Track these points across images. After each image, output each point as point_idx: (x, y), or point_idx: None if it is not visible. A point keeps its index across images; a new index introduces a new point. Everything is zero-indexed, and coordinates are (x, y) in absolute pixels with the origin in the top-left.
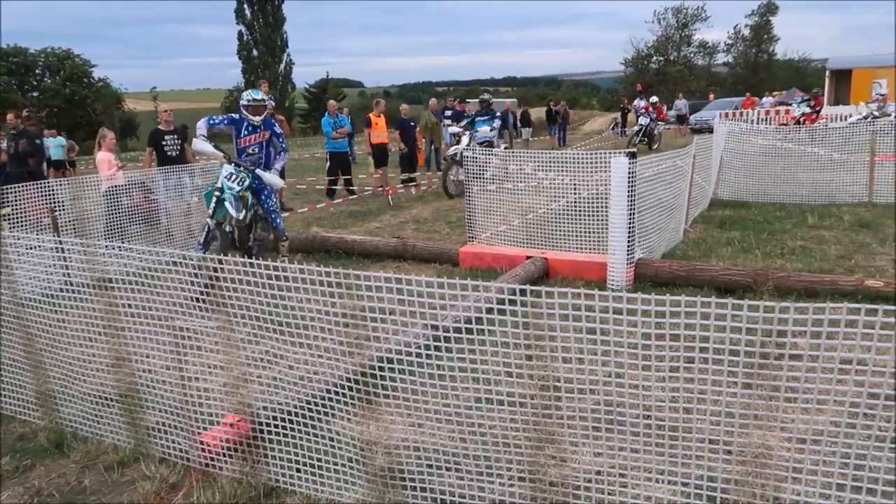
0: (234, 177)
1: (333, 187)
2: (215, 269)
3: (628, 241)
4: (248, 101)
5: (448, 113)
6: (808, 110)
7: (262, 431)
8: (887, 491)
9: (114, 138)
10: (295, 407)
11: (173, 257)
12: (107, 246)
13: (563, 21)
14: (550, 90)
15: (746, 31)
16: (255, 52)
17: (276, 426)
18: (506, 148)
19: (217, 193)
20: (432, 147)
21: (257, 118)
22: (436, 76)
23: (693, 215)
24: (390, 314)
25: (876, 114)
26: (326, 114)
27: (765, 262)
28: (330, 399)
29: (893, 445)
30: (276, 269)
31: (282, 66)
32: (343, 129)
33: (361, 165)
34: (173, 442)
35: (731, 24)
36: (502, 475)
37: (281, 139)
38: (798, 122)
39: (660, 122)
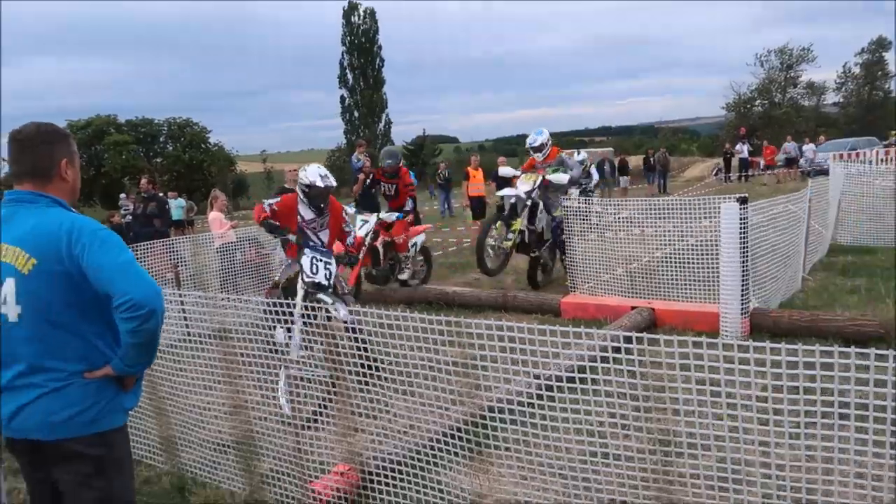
0: None
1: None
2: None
3: (742, 290)
4: None
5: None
6: None
7: (370, 481)
8: None
9: (225, 199)
10: (403, 457)
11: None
12: (224, 298)
13: (657, 70)
14: (646, 138)
15: (857, 69)
16: (356, 114)
17: (384, 476)
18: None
19: None
20: None
21: None
22: (529, 129)
23: (811, 262)
24: (500, 362)
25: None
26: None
27: None
28: (438, 449)
29: None
30: (383, 317)
31: (381, 125)
32: None
33: (458, 218)
34: (285, 489)
35: (841, 63)
36: None
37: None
38: None
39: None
